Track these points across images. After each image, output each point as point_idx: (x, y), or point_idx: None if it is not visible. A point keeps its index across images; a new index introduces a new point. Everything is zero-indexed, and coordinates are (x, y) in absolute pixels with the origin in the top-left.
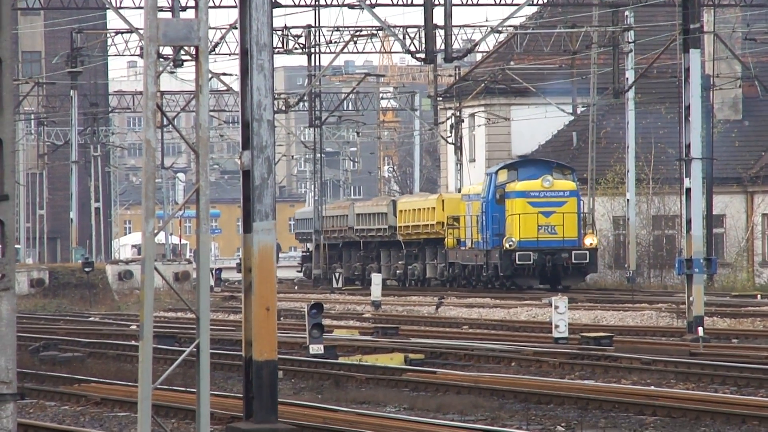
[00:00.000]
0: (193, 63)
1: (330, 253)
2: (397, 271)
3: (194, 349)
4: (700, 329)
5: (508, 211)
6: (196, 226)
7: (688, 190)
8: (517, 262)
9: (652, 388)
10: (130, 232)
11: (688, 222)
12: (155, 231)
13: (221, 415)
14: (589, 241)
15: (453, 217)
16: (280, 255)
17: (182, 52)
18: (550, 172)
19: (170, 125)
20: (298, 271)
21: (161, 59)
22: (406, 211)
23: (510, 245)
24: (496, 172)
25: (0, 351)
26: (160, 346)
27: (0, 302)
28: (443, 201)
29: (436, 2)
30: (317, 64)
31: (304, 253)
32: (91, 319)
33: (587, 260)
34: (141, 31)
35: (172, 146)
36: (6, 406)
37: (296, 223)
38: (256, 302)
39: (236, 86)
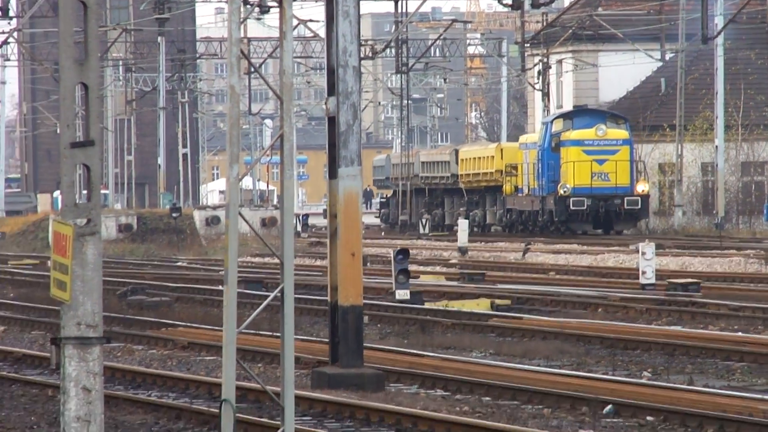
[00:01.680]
0: (279, 9)
1: (402, 200)
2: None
3: (279, 294)
4: None
5: (563, 159)
6: (281, 171)
7: None
8: (572, 207)
9: (740, 334)
10: (217, 178)
11: None
12: (240, 177)
13: (307, 360)
14: (641, 187)
15: (511, 165)
16: (373, 201)
17: None
18: (604, 121)
19: (256, 72)
20: (375, 217)
21: (246, 5)
22: (467, 159)
23: (564, 191)
24: (552, 122)
25: (86, 295)
26: (246, 291)
27: (86, 246)
28: (502, 150)
29: None
30: (404, 10)
31: (381, 200)
32: (179, 264)
33: (639, 206)
34: None
35: (260, 93)
36: (92, 349)
37: (374, 171)
38: (341, 248)
39: (323, 33)
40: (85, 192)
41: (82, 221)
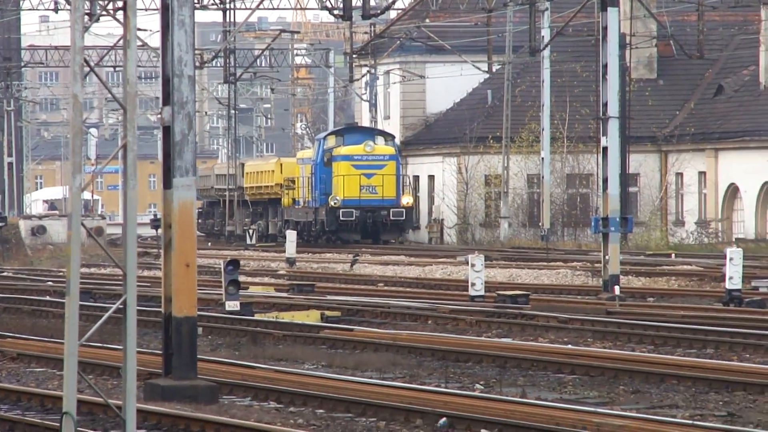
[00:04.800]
0: (107, 18)
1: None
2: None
3: (120, 306)
4: (617, 288)
5: (334, 173)
6: (124, 182)
7: (605, 149)
8: (341, 218)
9: (570, 346)
10: (41, 187)
11: (605, 181)
12: (82, 186)
13: (139, 372)
14: (406, 200)
15: (290, 179)
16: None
17: (98, 7)
18: (373, 138)
19: (88, 78)
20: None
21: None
22: (251, 173)
23: (335, 203)
24: (325, 138)
25: None
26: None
27: None
28: (281, 164)
29: None
30: (232, 20)
31: (199, 209)
32: (5, 274)
33: (404, 217)
34: None
35: (84, 101)
36: None
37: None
38: (175, 258)
39: (151, 42)
40: None
41: None
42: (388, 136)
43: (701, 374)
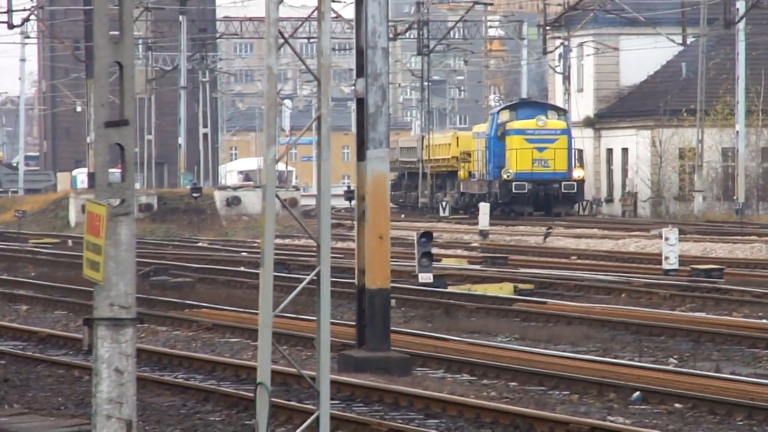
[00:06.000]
0: None
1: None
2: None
3: (314, 277)
4: None
5: (507, 147)
6: (318, 154)
7: None
8: (514, 191)
9: (765, 321)
10: (236, 158)
11: None
12: (276, 158)
13: (333, 343)
14: (577, 174)
15: (466, 152)
16: None
17: None
18: (545, 112)
19: (283, 50)
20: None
21: None
22: (430, 146)
23: (507, 176)
24: (498, 112)
25: (119, 276)
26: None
27: (120, 227)
28: (457, 138)
29: None
30: None
31: (393, 181)
32: (200, 244)
33: (575, 190)
34: None
35: (278, 73)
36: (125, 330)
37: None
38: (369, 230)
39: (345, 14)
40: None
41: (115, 201)
42: (560, 111)
43: None
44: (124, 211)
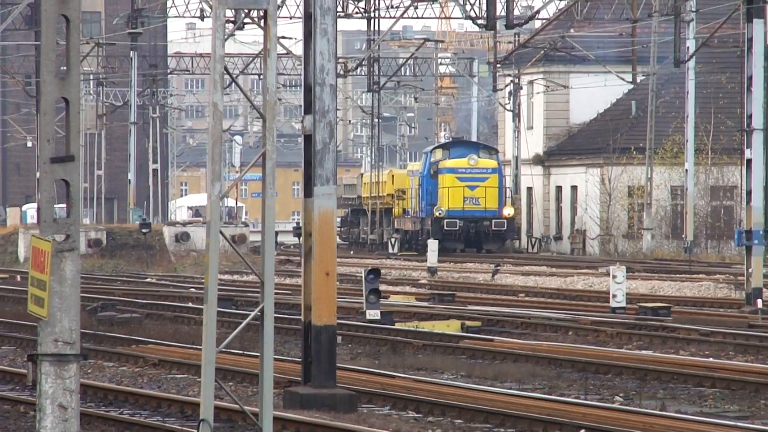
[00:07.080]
0: (253, 26)
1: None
2: (365, 235)
3: (258, 313)
4: (759, 301)
5: (440, 185)
6: (262, 190)
7: (749, 161)
8: (446, 228)
9: (711, 359)
10: (186, 194)
11: (749, 193)
12: (221, 194)
13: (279, 379)
14: (507, 211)
15: (401, 189)
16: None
17: (243, 14)
18: (477, 151)
19: (234, 86)
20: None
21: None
22: (367, 183)
23: (439, 213)
24: (432, 151)
25: (64, 311)
26: (218, 309)
27: (64, 263)
28: (393, 176)
29: None
30: (376, 28)
31: (341, 218)
32: (148, 280)
33: (505, 228)
34: None
35: (229, 109)
36: (69, 366)
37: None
38: (315, 267)
39: (295, 50)
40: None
41: (60, 237)
42: (492, 150)
43: None
44: (69, 246)
